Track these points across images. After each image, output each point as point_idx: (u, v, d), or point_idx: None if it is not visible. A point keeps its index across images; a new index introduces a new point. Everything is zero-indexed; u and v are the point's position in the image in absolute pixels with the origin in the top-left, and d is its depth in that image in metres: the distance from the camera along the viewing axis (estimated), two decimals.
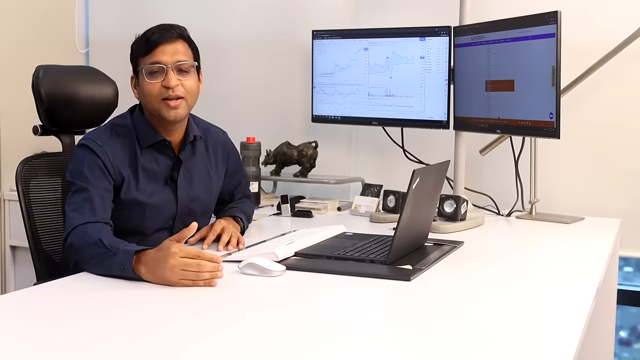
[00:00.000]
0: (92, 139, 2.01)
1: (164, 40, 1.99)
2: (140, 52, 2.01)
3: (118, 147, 2.02)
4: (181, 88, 2.00)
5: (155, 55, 1.99)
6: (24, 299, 1.58)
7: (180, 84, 2.00)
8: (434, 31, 2.68)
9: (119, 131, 2.05)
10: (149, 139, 2.05)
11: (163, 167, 2.07)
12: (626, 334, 3.62)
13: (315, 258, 1.88)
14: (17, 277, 3.23)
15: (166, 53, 1.99)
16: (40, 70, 2.27)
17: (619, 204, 2.74)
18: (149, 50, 1.99)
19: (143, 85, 2.01)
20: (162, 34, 2.00)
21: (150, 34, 2.00)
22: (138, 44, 2.03)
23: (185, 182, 2.10)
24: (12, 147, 3.18)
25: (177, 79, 1.99)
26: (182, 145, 2.10)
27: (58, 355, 1.21)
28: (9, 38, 3.22)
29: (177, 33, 2.02)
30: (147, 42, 2.00)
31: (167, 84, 1.98)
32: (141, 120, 2.07)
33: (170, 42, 2.00)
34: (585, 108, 2.78)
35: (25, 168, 2.21)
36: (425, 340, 1.32)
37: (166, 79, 1.98)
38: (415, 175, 1.77)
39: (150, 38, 1.99)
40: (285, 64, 3.22)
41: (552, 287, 1.71)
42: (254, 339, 1.30)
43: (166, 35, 2.00)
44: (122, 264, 1.69)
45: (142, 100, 2.06)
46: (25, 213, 2.18)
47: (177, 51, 2.00)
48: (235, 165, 2.31)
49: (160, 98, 1.99)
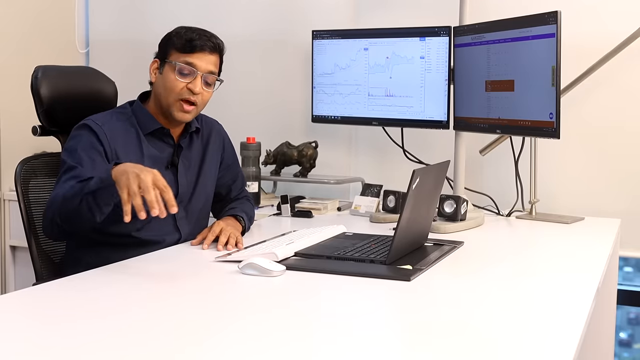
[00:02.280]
0: (93, 119, 2.06)
1: (206, 48, 2.06)
2: (178, 47, 2.06)
3: (119, 131, 2.07)
4: (200, 97, 2.08)
5: (193, 58, 2.05)
6: (23, 299, 1.58)
7: (201, 94, 2.07)
8: (434, 31, 2.68)
9: (120, 117, 2.11)
10: (149, 126, 2.10)
11: (164, 154, 2.12)
12: (626, 335, 3.62)
13: (315, 258, 1.88)
14: (17, 277, 3.23)
15: (202, 60, 2.06)
16: (39, 70, 2.27)
17: (619, 204, 2.74)
18: (188, 50, 2.05)
19: (168, 78, 2.06)
20: (206, 42, 2.07)
21: (195, 36, 2.06)
22: (179, 38, 2.07)
23: (184, 169, 2.15)
24: (11, 147, 3.18)
25: (202, 88, 2.07)
26: (183, 134, 2.16)
27: (57, 355, 1.21)
28: (9, 38, 3.22)
29: (217, 44, 2.10)
30: (189, 42, 2.05)
31: (192, 87, 2.05)
32: (141, 110, 2.12)
33: (209, 52, 2.07)
34: (585, 108, 2.78)
35: (24, 168, 2.21)
36: (426, 341, 1.32)
37: (194, 83, 2.05)
38: (415, 175, 1.77)
39: (194, 40, 2.05)
40: (285, 64, 3.22)
41: (552, 287, 1.71)
42: (254, 339, 1.29)
43: (208, 44, 2.07)
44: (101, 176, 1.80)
45: (158, 89, 2.10)
46: (25, 213, 2.18)
47: (211, 62, 2.09)
48: (231, 156, 2.34)
49: (179, 97, 2.06)
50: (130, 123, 2.09)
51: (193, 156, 2.19)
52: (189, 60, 2.05)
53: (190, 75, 2.05)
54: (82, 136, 2.01)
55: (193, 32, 2.07)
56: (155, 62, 2.11)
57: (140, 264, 1.85)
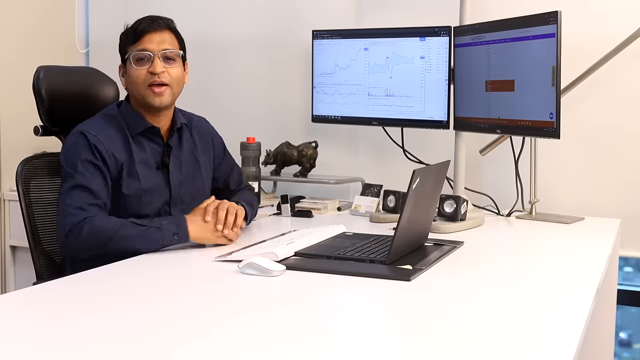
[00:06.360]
0: (86, 128, 2.06)
1: (151, 30, 2.08)
2: (128, 41, 2.10)
3: (112, 135, 2.07)
4: (167, 75, 2.08)
5: (143, 43, 2.08)
6: (23, 298, 1.58)
7: (166, 72, 2.08)
8: (434, 31, 2.68)
9: (110, 120, 2.11)
10: (138, 126, 2.11)
11: (154, 154, 2.13)
12: (626, 335, 3.62)
13: (315, 258, 1.88)
14: (17, 277, 3.23)
15: (153, 41, 2.08)
16: (41, 70, 2.28)
17: (619, 204, 2.74)
18: (136, 38, 2.08)
19: (130, 72, 2.09)
20: (150, 24, 2.09)
21: (139, 24, 2.10)
22: (126, 33, 2.12)
23: (175, 168, 2.15)
24: (12, 147, 3.18)
25: (163, 66, 2.08)
26: (170, 132, 2.16)
27: (58, 355, 1.21)
28: (9, 38, 3.22)
29: (164, 23, 2.12)
30: (135, 31, 2.09)
31: (153, 70, 2.06)
32: (129, 111, 2.13)
33: (157, 31, 2.09)
34: (585, 108, 2.78)
35: (25, 168, 2.22)
36: (426, 340, 1.32)
37: (152, 65, 2.07)
38: (415, 175, 1.77)
39: (139, 27, 2.09)
40: (285, 64, 3.22)
41: (552, 287, 1.71)
42: (253, 339, 1.29)
43: (153, 25, 2.09)
44: (174, 232, 1.94)
45: (129, 87, 2.13)
46: (26, 213, 2.19)
47: (163, 40, 2.10)
48: (221, 151, 2.35)
49: (146, 84, 2.07)
50: (118, 126, 2.10)
51: (183, 155, 2.19)
52: (141, 47, 2.07)
53: (146, 59, 2.07)
54: (79, 145, 2.02)
55: (136, 22, 2.11)
56: (120, 68, 2.16)
57: (140, 264, 1.85)
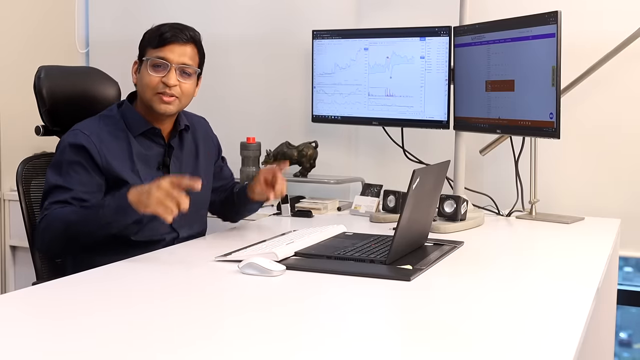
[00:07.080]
0: (80, 129, 2.06)
1: (175, 40, 2.06)
2: (151, 44, 2.08)
3: (107, 136, 2.07)
4: (178, 89, 2.07)
5: (164, 51, 2.05)
6: (23, 298, 1.58)
7: (179, 85, 2.07)
8: (434, 31, 2.68)
9: (107, 121, 2.10)
10: (140, 127, 2.10)
11: (155, 154, 2.12)
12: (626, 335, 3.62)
13: (315, 258, 1.88)
14: (17, 277, 3.23)
15: (174, 52, 2.06)
16: (42, 70, 2.28)
17: (619, 204, 2.74)
18: (159, 44, 2.06)
19: (143, 75, 2.08)
20: (176, 33, 2.06)
21: (165, 30, 2.07)
22: (151, 35, 2.09)
23: (176, 169, 2.15)
24: (12, 147, 3.18)
25: (178, 79, 2.06)
26: (172, 133, 2.16)
27: (58, 354, 1.21)
28: (10, 39, 3.22)
29: (190, 36, 2.09)
30: (159, 37, 2.06)
31: (166, 80, 2.05)
32: (130, 111, 2.12)
33: (181, 44, 2.07)
34: (585, 108, 2.78)
35: (26, 168, 2.22)
36: (425, 340, 1.32)
37: (167, 76, 2.05)
38: (415, 175, 1.77)
39: (164, 34, 2.06)
40: (285, 64, 3.22)
41: (552, 287, 1.71)
42: (253, 339, 1.29)
43: (179, 36, 2.06)
44: (117, 205, 1.87)
45: (138, 87, 2.12)
46: (26, 213, 2.19)
47: (184, 53, 2.07)
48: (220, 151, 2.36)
49: (155, 91, 2.06)
50: (118, 127, 2.09)
51: (185, 156, 2.19)
52: (161, 55, 2.05)
53: (162, 68, 2.05)
54: (69, 147, 2.03)
55: (164, 26, 2.09)
56: (135, 64, 2.14)
57: (140, 264, 1.85)
